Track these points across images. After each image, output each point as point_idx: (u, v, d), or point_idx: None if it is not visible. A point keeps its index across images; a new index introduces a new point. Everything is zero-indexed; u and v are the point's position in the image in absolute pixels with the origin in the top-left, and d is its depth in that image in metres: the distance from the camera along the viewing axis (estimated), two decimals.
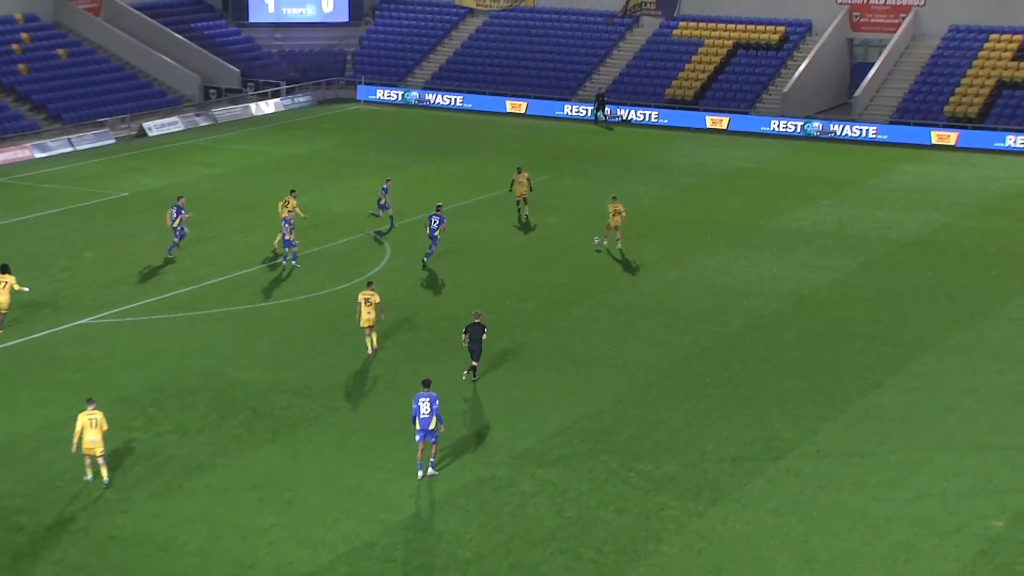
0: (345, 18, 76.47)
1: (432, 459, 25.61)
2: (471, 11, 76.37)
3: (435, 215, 39.87)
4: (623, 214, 42.12)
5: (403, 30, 76.08)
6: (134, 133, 60.33)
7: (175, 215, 39.49)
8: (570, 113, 67.20)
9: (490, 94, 69.48)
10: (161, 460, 25.85)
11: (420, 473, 25.40)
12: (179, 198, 40.65)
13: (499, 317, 35.19)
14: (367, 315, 31.78)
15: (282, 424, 27.76)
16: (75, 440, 24.84)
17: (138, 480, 25.12)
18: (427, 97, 70.06)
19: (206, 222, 44.07)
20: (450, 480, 25.39)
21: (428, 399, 25.25)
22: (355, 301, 32.59)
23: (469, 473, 25.74)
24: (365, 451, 26.63)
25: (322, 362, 31.43)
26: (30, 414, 27.68)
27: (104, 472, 25.00)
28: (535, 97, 68.54)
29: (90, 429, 24.92)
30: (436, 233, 39.60)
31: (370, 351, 32.00)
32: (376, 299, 31.96)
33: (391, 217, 44.21)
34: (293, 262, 39.11)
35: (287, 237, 39.04)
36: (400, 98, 70.36)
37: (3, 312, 33.10)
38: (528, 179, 46.68)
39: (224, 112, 65.03)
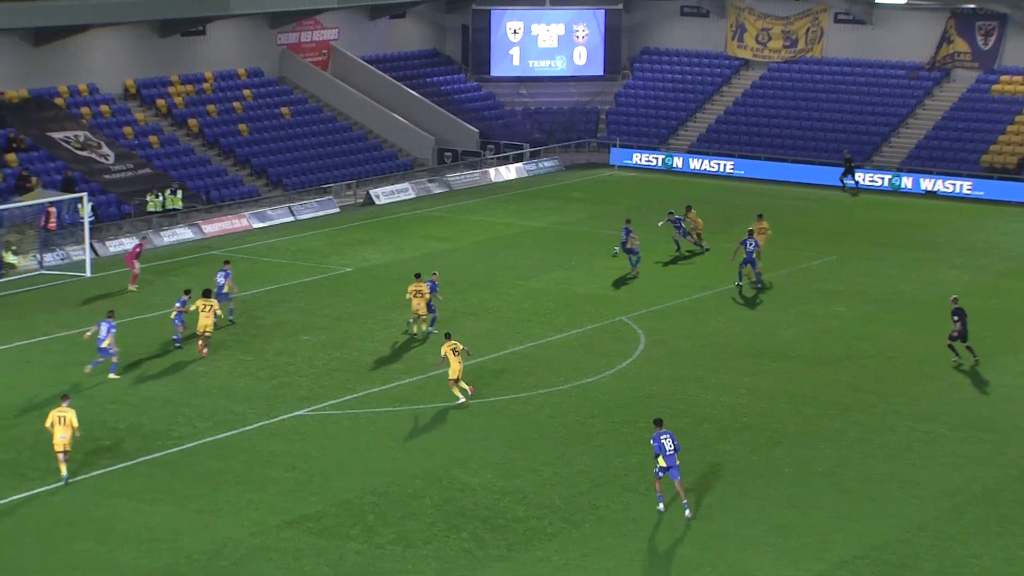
0: (599, 72, 77.82)
1: (684, 499, 28.94)
2: (746, 63, 76.58)
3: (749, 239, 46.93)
4: None
5: (666, 85, 76.85)
6: (360, 201, 62.76)
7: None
8: (863, 182, 66.28)
9: (766, 159, 69.29)
10: None
11: (661, 507, 29.19)
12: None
13: (772, 423, 34.79)
14: (457, 367, 35.24)
15: (517, 539, 28.02)
16: (51, 432, 30.00)
17: None
18: (692, 163, 70.41)
19: (435, 303, 45.24)
20: None
21: (669, 435, 29.07)
22: (599, 397, 32.80)
23: None
24: (610, 574, 26.59)
25: (563, 468, 31.65)
26: (239, 517, 28.81)
27: (63, 468, 29.92)
28: (820, 163, 67.90)
29: (59, 426, 29.82)
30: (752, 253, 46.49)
31: (463, 400, 35.53)
32: (460, 346, 35.66)
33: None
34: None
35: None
36: (660, 163, 70.93)
37: (208, 334, 39.26)
38: (768, 229, 49.19)
39: (460, 178, 66.96)
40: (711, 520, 28.83)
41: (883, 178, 65.87)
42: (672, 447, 28.93)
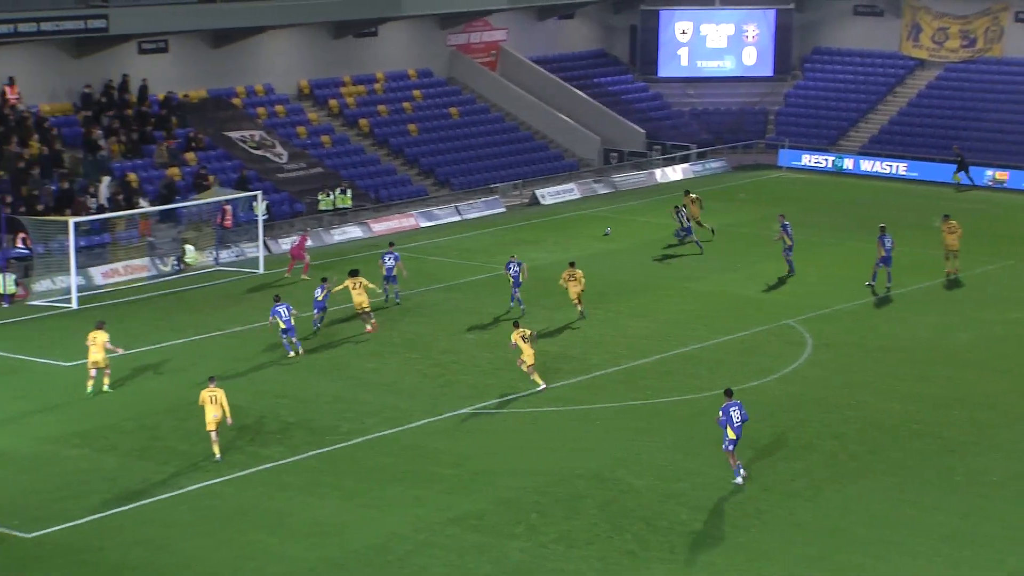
0: (769, 72, 77.01)
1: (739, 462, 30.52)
2: (922, 63, 75.06)
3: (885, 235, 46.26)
4: None
5: (837, 85, 75.76)
6: (526, 201, 63.09)
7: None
8: None
9: (941, 161, 67.80)
10: (543, 574, 26.56)
11: (741, 478, 30.39)
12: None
13: (944, 430, 34.11)
14: (529, 352, 36.28)
15: (681, 542, 27.92)
16: (206, 413, 31.56)
17: None
18: (863, 164, 69.31)
19: (600, 304, 45.39)
20: None
21: (737, 406, 30.20)
22: (764, 401, 32.51)
23: None
24: None
25: (728, 472, 31.39)
26: (404, 513, 29.20)
27: (216, 448, 31.61)
28: (998, 166, 66.23)
29: (210, 405, 31.49)
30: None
31: (543, 385, 36.73)
32: (528, 332, 36.71)
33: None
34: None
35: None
36: (830, 165, 69.95)
37: (367, 309, 41.25)
38: (957, 228, 47.88)
39: (625, 178, 66.89)
40: (880, 528, 28.40)
41: None
42: (740, 418, 30.15)
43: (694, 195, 55.10)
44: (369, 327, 41.50)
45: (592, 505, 29.59)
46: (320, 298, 41.28)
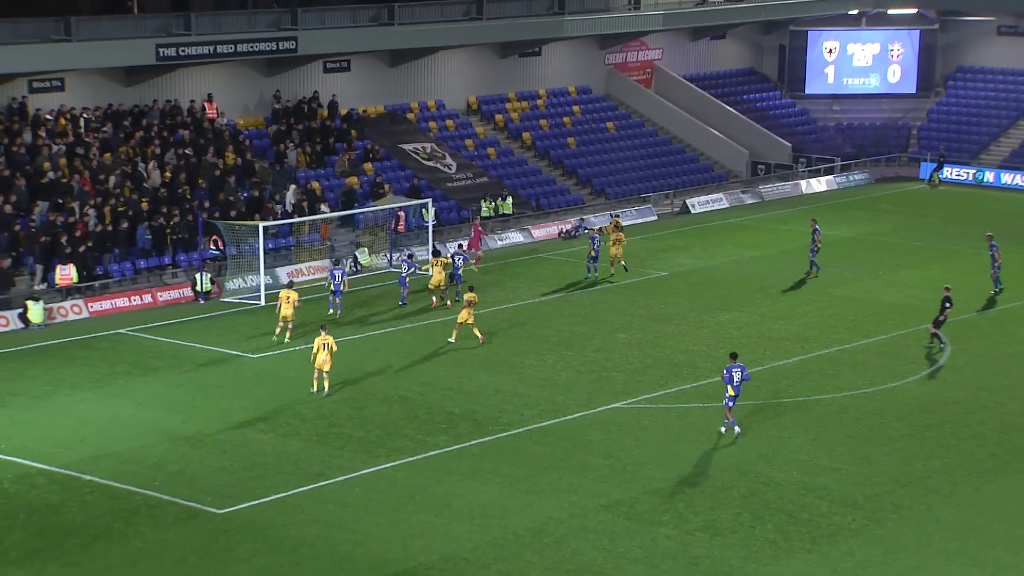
0: (912, 89, 75.49)
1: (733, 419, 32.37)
2: None
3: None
4: None
5: (979, 102, 73.94)
6: (677, 210, 62.77)
7: None
8: None
9: None
10: (689, 560, 26.46)
11: (738, 429, 32.28)
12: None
13: None
14: (464, 314, 39.31)
15: (820, 533, 27.56)
16: (312, 356, 35.20)
17: None
18: (1004, 177, 67.49)
19: (745, 307, 44.95)
20: None
21: (740, 368, 31.93)
22: (903, 401, 31.76)
23: None
24: (913, 572, 25.85)
25: (867, 468, 30.93)
26: (560, 499, 29.31)
27: (327, 384, 35.25)
28: None
29: (323, 351, 34.99)
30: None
31: (453, 341, 39.76)
32: (476, 301, 39.63)
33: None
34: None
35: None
36: (971, 178, 68.25)
37: (441, 288, 44.21)
38: None
39: (772, 190, 66.11)
40: (1018, 525, 27.73)
41: None
42: (740, 378, 31.82)
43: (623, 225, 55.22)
44: (435, 300, 44.32)
45: (736, 496, 29.34)
46: (406, 274, 44.92)
